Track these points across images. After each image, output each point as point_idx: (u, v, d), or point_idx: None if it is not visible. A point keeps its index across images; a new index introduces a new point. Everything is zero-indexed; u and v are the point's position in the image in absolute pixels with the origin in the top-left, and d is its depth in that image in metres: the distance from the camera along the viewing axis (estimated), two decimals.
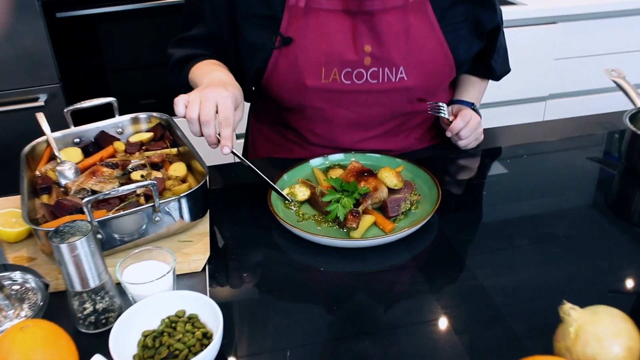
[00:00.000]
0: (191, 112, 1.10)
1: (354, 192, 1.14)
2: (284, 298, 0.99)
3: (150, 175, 1.26)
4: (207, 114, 1.09)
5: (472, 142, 1.39)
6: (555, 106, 2.96)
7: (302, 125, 1.39)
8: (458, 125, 1.33)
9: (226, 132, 1.09)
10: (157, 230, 1.09)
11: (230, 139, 1.09)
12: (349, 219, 1.08)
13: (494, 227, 1.14)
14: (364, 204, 1.13)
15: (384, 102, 1.32)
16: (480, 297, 0.96)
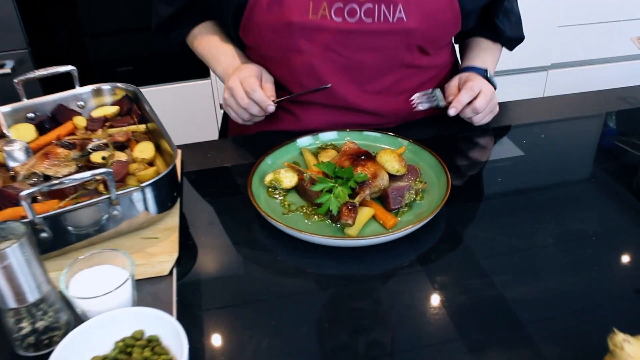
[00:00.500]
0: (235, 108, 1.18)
1: (349, 180, 0.97)
2: (266, 311, 0.83)
3: (112, 157, 1.09)
4: (242, 99, 1.15)
5: (488, 115, 1.22)
6: (557, 76, 2.83)
7: (288, 78, 1.23)
8: (462, 99, 1.16)
9: (257, 95, 1.14)
10: (115, 225, 0.92)
11: (266, 99, 1.14)
12: (344, 213, 0.91)
13: (512, 221, 0.98)
14: (362, 194, 0.96)
15: (380, 46, 1.16)
16: (501, 313, 0.80)
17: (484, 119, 1.22)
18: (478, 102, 1.16)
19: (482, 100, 1.17)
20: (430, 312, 0.81)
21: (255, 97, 1.13)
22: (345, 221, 0.91)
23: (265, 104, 1.13)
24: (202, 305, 0.84)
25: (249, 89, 1.13)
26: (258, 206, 0.96)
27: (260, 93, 1.13)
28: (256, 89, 1.13)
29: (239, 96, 1.14)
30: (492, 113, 1.22)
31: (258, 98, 1.13)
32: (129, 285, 0.80)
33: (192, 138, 1.28)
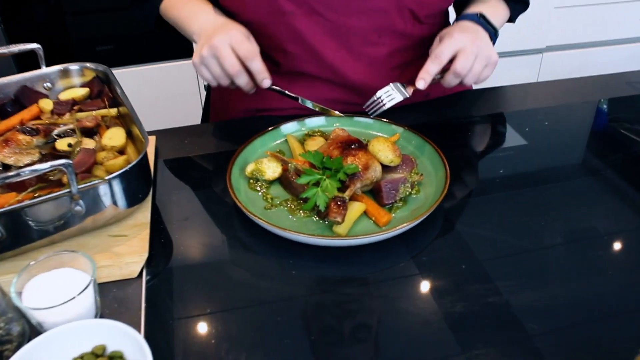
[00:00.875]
0: (215, 70, 1.02)
1: (338, 172, 0.88)
2: (245, 320, 0.74)
3: (79, 144, 0.99)
4: (231, 65, 1.00)
5: (484, 70, 1.01)
6: (552, 59, 2.75)
7: (272, 45, 1.13)
8: (429, 68, 0.99)
9: (256, 65, 1.01)
10: (78, 222, 0.83)
11: (264, 70, 1.02)
12: (332, 209, 0.83)
13: (517, 218, 0.90)
14: (352, 187, 0.87)
15: (368, 8, 1.06)
16: (506, 323, 0.72)
17: (480, 76, 1.02)
18: (458, 64, 0.98)
19: (462, 60, 0.98)
20: (427, 322, 0.73)
21: (254, 66, 1.00)
22: (334, 218, 0.82)
23: (262, 76, 1.02)
24: (173, 312, 0.75)
25: (246, 55, 0.99)
26: (238, 200, 0.87)
27: (261, 63, 1.01)
28: (255, 57, 1.00)
29: (229, 62, 0.99)
30: (488, 67, 1.02)
31: (256, 68, 1.01)
32: (91, 292, 0.71)
33: (175, 122, 1.19)
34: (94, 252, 0.83)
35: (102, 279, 0.80)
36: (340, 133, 0.99)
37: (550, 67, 2.76)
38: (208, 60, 1.01)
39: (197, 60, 1.03)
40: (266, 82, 1.02)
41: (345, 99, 1.16)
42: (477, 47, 1.00)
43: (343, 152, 0.92)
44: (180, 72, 2.40)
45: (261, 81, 1.02)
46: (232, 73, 1.00)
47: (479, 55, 0.99)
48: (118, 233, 0.86)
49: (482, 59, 1.00)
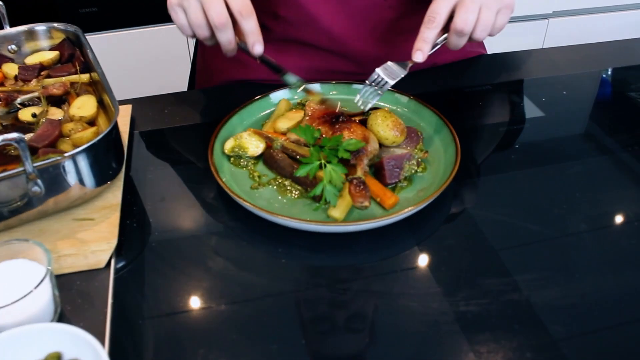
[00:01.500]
0: (195, 16, 0.83)
1: (336, 150, 0.77)
2: (225, 320, 0.64)
3: (45, 114, 0.89)
4: (219, 14, 0.81)
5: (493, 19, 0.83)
6: (559, 26, 2.62)
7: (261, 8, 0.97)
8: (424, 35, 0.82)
9: (250, 24, 0.82)
10: (38, 205, 0.72)
11: (258, 33, 0.83)
12: (355, 195, 0.71)
13: (536, 201, 0.79)
14: (360, 165, 0.76)
15: None
16: (527, 324, 0.62)
17: (494, 26, 0.84)
18: (458, 20, 0.81)
19: (463, 14, 0.81)
20: (436, 323, 0.63)
21: (247, 25, 0.82)
22: (361, 204, 0.71)
23: (255, 39, 0.83)
24: (144, 310, 0.65)
25: (241, 10, 0.81)
26: (220, 179, 0.77)
27: (256, 23, 0.82)
28: (251, 14, 0.82)
29: (216, 10, 0.81)
30: (502, 12, 0.84)
31: (250, 28, 0.82)
32: (47, 286, 0.62)
33: (163, 91, 1.07)
34: (56, 239, 0.72)
35: (64, 269, 0.70)
36: (316, 107, 0.87)
37: (557, 34, 2.64)
38: (188, 2, 0.83)
39: (170, 4, 0.86)
40: (258, 47, 0.83)
41: (344, 69, 1.05)
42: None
43: (332, 127, 0.81)
44: (168, 37, 2.27)
45: (252, 45, 0.83)
46: (217, 24, 0.81)
47: (485, 3, 0.82)
48: (84, 216, 0.76)
49: (492, 4, 0.83)
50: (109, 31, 2.22)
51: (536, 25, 2.59)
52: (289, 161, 0.80)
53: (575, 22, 2.62)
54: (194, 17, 0.83)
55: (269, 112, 0.93)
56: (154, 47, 2.27)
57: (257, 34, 0.83)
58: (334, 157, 0.76)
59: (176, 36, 2.26)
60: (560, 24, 2.60)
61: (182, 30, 0.86)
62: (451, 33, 0.83)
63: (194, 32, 0.85)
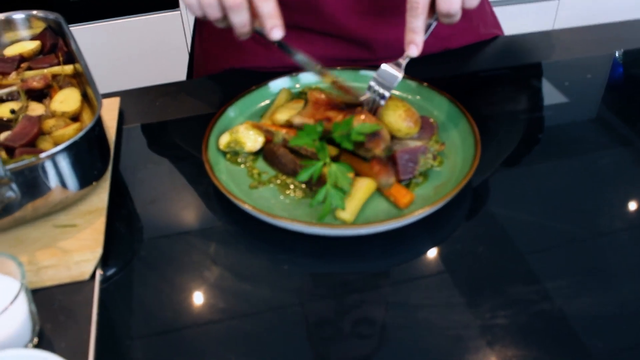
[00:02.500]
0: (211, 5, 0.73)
1: (346, 136, 0.70)
2: (221, 339, 0.58)
3: (25, 109, 0.82)
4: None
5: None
6: (569, 6, 2.54)
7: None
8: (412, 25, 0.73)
9: (268, 7, 0.72)
10: (15, 210, 0.65)
11: (278, 16, 0.73)
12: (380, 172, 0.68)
13: (564, 197, 0.72)
14: (378, 148, 0.69)
15: None
16: (561, 338, 0.55)
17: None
18: (441, 4, 0.71)
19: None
20: (459, 339, 0.56)
21: (266, 7, 0.73)
22: (387, 181, 0.67)
23: (273, 23, 0.73)
24: (132, 328, 0.58)
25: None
26: (215, 178, 0.69)
27: (275, 5, 0.74)
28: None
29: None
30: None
31: (269, 11, 0.73)
32: (22, 303, 0.55)
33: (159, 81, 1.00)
34: (35, 248, 0.66)
35: (44, 282, 0.63)
36: (319, 95, 0.79)
37: (568, 15, 2.57)
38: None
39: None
40: (276, 32, 0.74)
41: (351, 56, 0.98)
42: None
43: (341, 112, 0.74)
44: (164, 25, 2.19)
45: (270, 29, 0.74)
46: (232, 5, 0.72)
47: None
48: (66, 223, 0.69)
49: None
50: (101, 20, 2.15)
51: (547, 5, 2.52)
52: (291, 156, 0.73)
53: (586, 2, 2.54)
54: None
55: (269, 102, 0.86)
56: (149, 37, 2.20)
57: (276, 17, 0.74)
58: (348, 142, 0.69)
59: (173, 25, 2.19)
60: (571, 3, 2.53)
61: (190, 9, 0.77)
62: (440, 16, 0.74)
63: (204, 12, 0.76)
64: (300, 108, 0.79)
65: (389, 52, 0.97)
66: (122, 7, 2.15)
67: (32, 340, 0.57)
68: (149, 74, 2.17)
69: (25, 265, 0.64)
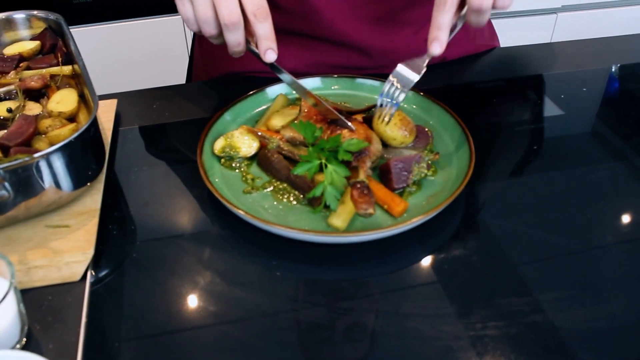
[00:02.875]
0: (203, 11, 0.73)
1: (336, 152, 0.70)
2: (214, 344, 0.57)
3: (22, 109, 0.82)
4: (230, 12, 0.71)
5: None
6: (568, 20, 2.55)
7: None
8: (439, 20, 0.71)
9: (264, 28, 0.73)
10: (8, 210, 0.65)
11: (273, 39, 0.74)
12: (359, 201, 0.64)
13: (558, 209, 0.72)
14: (364, 168, 0.69)
15: None
16: (555, 352, 0.55)
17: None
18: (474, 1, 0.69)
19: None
20: (449, 349, 0.56)
21: (262, 29, 0.73)
22: (365, 210, 0.64)
23: (268, 45, 0.74)
24: (121, 331, 0.58)
25: (255, 11, 0.72)
26: (209, 183, 0.69)
27: (271, 28, 0.74)
28: (267, 17, 0.73)
29: (228, 7, 0.71)
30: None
31: (264, 33, 0.73)
32: (11, 303, 0.55)
33: (159, 83, 1.00)
34: (26, 248, 0.65)
35: (34, 282, 0.63)
36: (312, 107, 0.79)
37: (565, 28, 2.58)
38: (199, 3, 0.73)
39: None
40: (270, 55, 0.74)
41: (348, 63, 0.98)
42: None
43: (330, 126, 0.74)
44: (165, 29, 2.20)
45: (264, 51, 0.74)
46: (227, 23, 0.72)
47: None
48: (58, 223, 0.69)
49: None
50: (103, 23, 2.15)
51: (545, 19, 2.52)
52: (285, 163, 0.73)
53: (584, 17, 2.55)
54: (202, 11, 0.74)
55: (265, 108, 0.86)
56: (150, 40, 2.20)
57: (271, 39, 0.74)
58: (334, 159, 0.69)
59: (174, 28, 2.19)
60: (569, 18, 2.53)
61: (187, 24, 0.77)
62: (470, 13, 0.72)
63: (200, 28, 0.76)
64: (296, 114, 0.80)
65: (388, 59, 0.98)
66: (124, 10, 2.15)
67: (20, 341, 0.57)
68: (148, 77, 2.17)
69: (15, 265, 0.64)
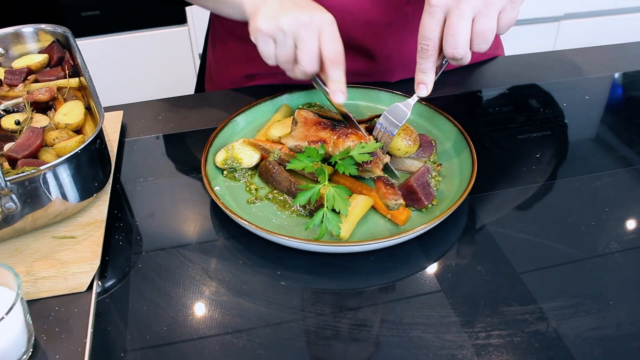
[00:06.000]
0: (285, 54, 0.76)
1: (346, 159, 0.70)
2: (219, 354, 0.58)
3: (30, 121, 0.83)
4: (310, 63, 0.75)
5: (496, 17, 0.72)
6: (570, 28, 2.55)
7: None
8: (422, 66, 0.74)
9: (337, 73, 0.75)
10: (15, 221, 0.66)
11: (343, 82, 0.76)
12: (388, 193, 0.67)
13: (561, 217, 0.72)
14: (377, 166, 0.70)
15: None
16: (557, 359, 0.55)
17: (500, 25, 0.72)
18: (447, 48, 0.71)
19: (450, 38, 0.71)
20: (453, 358, 0.56)
21: (335, 75, 0.75)
22: (396, 201, 0.66)
23: (338, 87, 0.75)
24: (127, 341, 0.59)
25: (332, 58, 0.74)
26: (213, 194, 0.70)
27: (343, 72, 0.76)
28: (341, 63, 0.75)
29: (308, 56, 0.74)
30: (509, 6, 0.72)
31: (337, 77, 0.75)
32: (18, 314, 0.55)
33: (167, 93, 1.01)
34: (34, 259, 0.66)
35: (41, 293, 0.64)
36: (307, 115, 0.80)
37: (568, 36, 2.58)
38: (281, 37, 0.75)
39: (267, 29, 0.75)
40: (340, 97, 0.75)
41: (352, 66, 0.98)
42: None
43: (333, 132, 0.74)
44: (172, 40, 2.21)
45: (335, 92, 0.75)
46: (305, 72, 0.76)
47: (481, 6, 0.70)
48: (65, 234, 0.69)
49: (491, 7, 0.70)
50: (111, 34, 2.17)
51: (547, 27, 2.53)
52: (286, 175, 0.73)
53: (587, 25, 2.55)
54: (282, 54, 0.76)
55: (269, 118, 0.87)
56: (157, 51, 2.22)
57: (342, 83, 0.76)
58: (351, 168, 0.69)
59: (180, 39, 2.21)
60: (571, 26, 2.54)
61: (265, 59, 0.79)
62: (448, 59, 0.74)
63: (277, 63, 0.79)
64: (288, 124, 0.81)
65: (393, 63, 0.98)
66: (130, 22, 2.17)
67: (27, 351, 0.57)
68: (154, 88, 2.18)
69: (22, 276, 0.64)
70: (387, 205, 0.67)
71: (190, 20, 2.17)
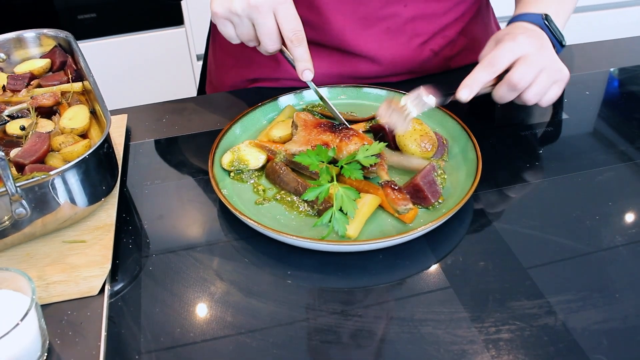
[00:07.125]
0: (245, 33, 0.79)
1: (352, 163, 0.71)
2: (232, 354, 0.58)
3: (35, 126, 0.84)
4: (272, 42, 0.78)
5: (550, 90, 0.80)
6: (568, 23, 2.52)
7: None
8: (477, 76, 0.78)
9: (300, 51, 0.78)
10: (24, 226, 0.66)
11: (309, 59, 0.79)
12: (397, 198, 0.66)
13: (565, 212, 0.73)
14: (383, 168, 0.71)
15: None
16: (568, 354, 0.56)
17: (547, 94, 0.80)
18: (516, 73, 0.77)
19: (523, 68, 0.77)
20: (464, 353, 0.57)
21: (299, 52, 0.78)
22: (405, 206, 0.66)
23: (305, 65, 0.79)
24: (141, 344, 0.59)
25: (292, 37, 0.77)
26: (222, 195, 0.71)
27: (306, 49, 0.79)
28: (303, 41, 0.78)
29: (269, 36, 0.77)
30: (558, 84, 0.81)
31: (301, 55, 0.78)
32: (33, 319, 0.56)
33: (167, 96, 1.01)
34: (44, 264, 0.67)
35: (53, 297, 0.64)
36: (306, 117, 0.81)
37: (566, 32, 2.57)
38: (239, 20, 0.78)
39: (221, 12, 0.78)
40: (308, 74, 0.79)
41: (355, 71, 0.99)
42: (544, 57, 0.79)
43: (335, 134, 0.75)
44: (169, 42, 2.21)
45: (302, 71, 0.79)
46: (268, 49, 0.79)
47: (546, 68, 0.78)
48: (75, 238, 0.70)
49: (551, 73, 0.79)
50: (107, 37, 2.17)
51: None
52: (293, 175, 0.74)
53: (585, 19, 2.55)
54: (244, 34, 0.80)
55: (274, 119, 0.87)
56: (154, 53, 2.22)
57: (307, 60, 0.79)
58: (357, 171, 0.70)
59: (178, 41, 2.21)
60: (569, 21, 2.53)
61: (228, 40, 0.82)
62: (503, 84, 0.79)
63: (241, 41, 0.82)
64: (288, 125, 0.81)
65: (397, 67, 0.99)
66: (126, 25, 2.17)
67: (42, 356, 0.58)
68: (152, 89, 2.18)
69: (34, 281, 0.65)
70: (397, 211, 0.67)
71: (187, 21, 2.17)
